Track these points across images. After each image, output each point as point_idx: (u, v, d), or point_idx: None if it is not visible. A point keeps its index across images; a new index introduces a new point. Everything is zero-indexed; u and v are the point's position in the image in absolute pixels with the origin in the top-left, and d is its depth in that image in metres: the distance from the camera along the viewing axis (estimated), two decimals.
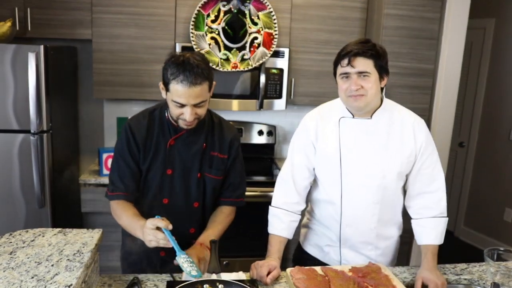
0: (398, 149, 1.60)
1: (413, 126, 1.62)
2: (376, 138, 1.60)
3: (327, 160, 1.64)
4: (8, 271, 1.16)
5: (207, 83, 1.45)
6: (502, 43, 3.89)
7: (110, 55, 2.87)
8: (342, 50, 1.54)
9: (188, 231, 1.63)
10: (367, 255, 1.70)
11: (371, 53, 1.49)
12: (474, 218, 4.22)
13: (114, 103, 3.25)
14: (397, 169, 1.60)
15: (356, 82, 1.50)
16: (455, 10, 2.92)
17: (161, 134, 1.58)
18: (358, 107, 1.55)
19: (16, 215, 2.64)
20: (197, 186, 1.62)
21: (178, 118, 1.50)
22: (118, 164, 1.59)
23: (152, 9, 2.86)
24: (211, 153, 1.63)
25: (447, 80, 3.02)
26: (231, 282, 1.39)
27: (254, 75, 2.98)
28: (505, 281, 1.51)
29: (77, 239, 1.38)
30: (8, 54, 2.48)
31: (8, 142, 2.57)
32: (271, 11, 2.91)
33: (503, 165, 3.90)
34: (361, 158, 1.60)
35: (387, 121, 1.61)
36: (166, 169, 1.58)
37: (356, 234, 1.67)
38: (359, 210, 1.63)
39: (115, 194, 1.58)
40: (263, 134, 3.34)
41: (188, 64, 1.40)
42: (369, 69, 1.50)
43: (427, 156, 1.62)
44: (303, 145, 1.68)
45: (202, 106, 1.48)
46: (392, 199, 1.66)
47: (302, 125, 1.70)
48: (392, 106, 1.66)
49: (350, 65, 1.50)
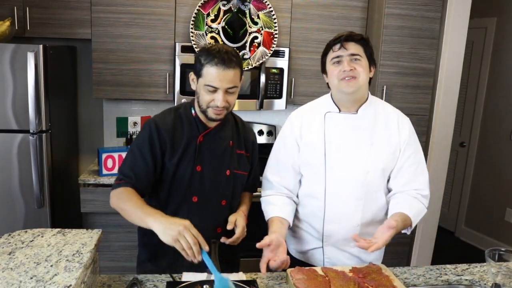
0: (383, 145, 1.61)
1: (397, 121, 1.65)
2: (361, 133, 1.61)
3: (312, 155, 1.64)
4: (7, 271, 1.15)
5: (239, 70, 1.49)
6: (503, 42, 3.89)
7: (110, 54, 2.86)
8: (331, 40, 1.60)
9: (215, 231, 1.61)
10: (350, 251, 1.69)
11: (361, 39, 1.57)
12: (475, 219, 4.21)
13: (113, 103, 3.25)
14: (382, 165, 1.61)
15: (349, 64, 1.54)
16: (456, 9, 2.91)
17: (189, 131, 1.56)
18: (350, 91, 1.55)
19: (15, 215, 2.63)
20: (227, 184, 1.61)
21: (208, 107, 1.49)
22: (134, 157, 1.52)
23: (152, 9, 2.85)
24: (237, 151, 1.65)
25: (448, 79, 3.01)
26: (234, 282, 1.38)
27: (254, 75, 2.98)
28: (507, 281, 1.51)
29: (77, 240, 1.37)
30: (7, 53, 2.47)
31: (7, 142, 2.56)
32: (271, 10, 2.90)
33: (504, 165, 3.89)
34: (346, 153, 1.61)
35: (372, 116, 1.63)
36: (196, 166, 1.55)
37: (339, 231, 1.64)
38: (343, 206, 1.62)
39: (122, 182, 1.49)
40: (263, 134, 3.34)
41: (223, 49, 1.46)
42: (361, 53, 1.56)
43: (410, 154, 1.63)
44: (287, 143, 1.69)
45: (233, 93, 1.50)
46: (375, 196, 1.64)
47: (287, 123, 1.72)
48: (376, 101, 1.69)
49: (343, 48, 1.55)
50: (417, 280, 1.61)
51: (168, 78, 2.92)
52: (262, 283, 1.52)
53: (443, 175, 3.16)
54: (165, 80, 2.92)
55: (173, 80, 2.92)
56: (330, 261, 1.70)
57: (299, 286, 1.43)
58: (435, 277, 1.63)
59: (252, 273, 1.58)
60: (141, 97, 2.97)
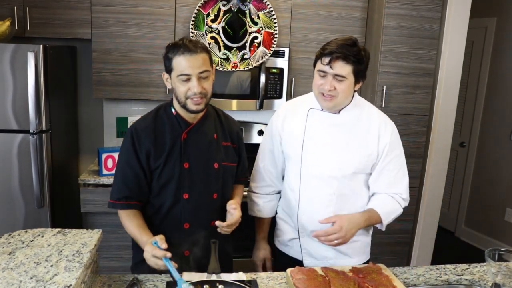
0: (358, 147, 1.65)
1: (379, 126, 1.66)
2: (340, 133, 1.65)
3: (291, 147, 1.71)
4: (7, 271, 1.15)
5: (207, 55, 1.52)
6: (503, 42, 3.89)
7: (110, 54, 2.86)
8: (325, 48, 1.56)
9: (209, 225, 1.62)
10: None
11: (353, 59, 1.53)
12: (475, 219, 4.21)
13: (113, 103, 3.25)
14: (354, 165, 1.65)
15: (330, 83, 1.55)
16: (456, 9, 2.91)
17: (172, 130, 1.58)
18: (326, 106, 1.62)
19: (15, 215, 2.63)
20: (216, 177, 1.62)
21: (187, 98, 1.50)
22: (123, 171, 1.56)
23: (152, 9, 2.85)
24: (223, 144, 1.66)
25: (448, 79, 3.01)
26: (231, 283, 1.38)
27: (254, 75, 2.98)
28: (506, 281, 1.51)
29: (77, 240, 1.38)
30: (7, 53, 2.47)
31: (7, 142, 2.56)
32: (271, 10, 2.90)
33: (504, 165, 3.89)
34: (322, 150, 1.66)
35: (354, 118, 1.66)
36: (183, 163, 1.56)
37: (311, 223, 1.69)
38: (315, 199, 1.68)
39: (119, 203, 1.56)
40: (263, 134, 3.33)
41: (186, 40, 1.51)
42: (346, 74, 1.54)
43: (391, 158, 1.67)
44: (271, 133, 1.79)
45: (207, 78, 1.52)
46: (348, 193, 1.68)
47: (274, 115, 1.81)
48: (362, 104, 1.71)
49: (329, 66, 1.54)
50: (417, 280, 1.61)
51: None
52: (262, 283, 1.52)
53: (443, 175, 3.16)
54: None
55: None
56: (308, 252, 1.75)
57: (299, 286, 1.43)
58: (435, 277, 1.63)
59: (252, 273, 1.59)
60: (141, 97, 2.97)
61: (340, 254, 1.73)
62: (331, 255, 1.73)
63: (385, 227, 1.73)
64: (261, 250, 1.87)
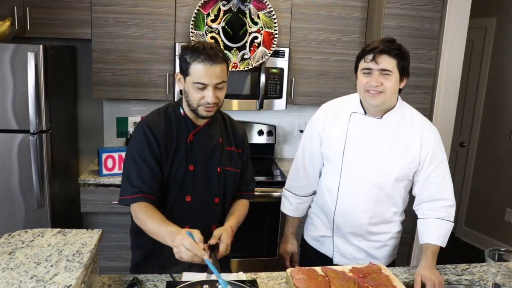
0: (401, 153, 1.62)
1: (422, 133, 1.64)
2: (383, 138, 1.63)
3: (331, 149, 1.71)
4: (7, 271, 1.15)
5: (225, 65, 1.49)
6: (503, 42, 3.89)
7: (110, 54, 2.86)
8: (368, 46, 1.57)
9: (209, 229, 1.60)
10: (358, 245, 1.74)
11: (396, 53, 1.53)
12: (475, 219, 4.21)
13: (113, 103, 3.25)
14: (396, 172, 1.63)
15: (377, 79, 1.54)
16: (456, 9, 2.91)
17: (179, 131, 1.56)
18: (374, 104, 1.58)
19: (15, 215, 2.63)
20: (218, 181, 1.61)
21: (199, 105, 1.48)
22: (137, 165, 1.49)
23: (152, 9, 2.85)
24: (227, 148, 1.64)
25: (448, 79, 3.01)
26: (231, 283, 1.38)
27: (254, 75, 2.98)
28: (506, 281, 1.51)
29: (77, 240, 1.38)
30: (7, 53, 2.47)
31: (7, 142, 2.56)
32: (271, 10, 2.90)
33: (504, 165, 3.89)
34: (363, 155, 1.64)
35: (397, 123, 1.64)
36: (188, 165, 1.55)
37: (347, 225, 1.72)
38: (353, 204, 1.68)
39: (135, 196, 1.47)
40: (263, 134, 3.34)
41: (207, 46, 1.46)
42: (392, 68, 1.53)
43: (436, 165, 1.64)
44: (310, 133, 1.78)
45: (222, 88, 1.50)
46: (387, 199, 1.68)
47: (315, 115, 1.80)
48: (405, 109, 1.68)
49: (374, 61, 1.53)
50: None
51: (168, 78, 2.92)
52: (262, 283, 1.52)
53: None
54: (165, 80, 2.92)
55: (173, 80, 2.92)
56: (339, 251, 1.77)
57: (299, 286, 1.43)
58: None
59: (252, 273, 1.59)
60: (141, 97, 2.97)
61: (370, 257, 1.74)
62: (361, 256, 1.75)
63: None
64: (289, 245, 1.92)
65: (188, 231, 1.34)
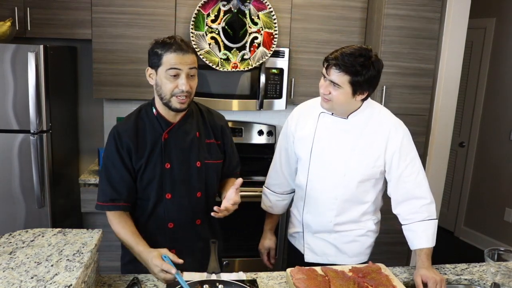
0: (365, 152, 1.64)
1: (389, 132, 1.64)
2: (348, 138, 1.66)
3: (301, 149, 1.75)
4: (7, 271, 1.16)
5: (195, 55, 1.54)
6: (502, 42, 3.89)
7: (110, 55, 2.86)
8: (333, 52, 1.57)
9: (194, 223, 1.63)
10: (326, 239, 1.76)
11: (348, 70, 1.50)
12: (474, 218, 4.22)
13: (114, 103, 3.25)
14: (361, 171, 1.65)
15: (326, 87, 1.57)
16: (455, 9, 2.92)
17: (153, 130, 1.58)
18: (323, 107, 1.64)
19: (16, 215, 2.64)
20: (198, 175, 1.61)
21: (172, 95, 1.50)
22: (108, 172, 1.55)
23: (152, 9, 2.85)
24: (206, 141, 1.65)
25: (448, 80, 3.01)
26: (231, 282, 1.38)
27: (254, 75, 2.98)
28: (506, 281, 1.51)
29: (77, 239, 1.38)
30: (7, 54, 2.47)
31: (8, 142, 2.57)
32: (271, 11, 2.91)
33: (504, 165, 3.90)
34: (329, 153, 1.68)
35: (362, 123, 1.66)
36: (164, 164, 1.57)
37: (315, 222, 1.75)
38: (319, 201, 1.72)
39: (105, 204, 1.55)
40: (263, 134, 3.34)
41: (178, 38, 1.54)
42: (341, 83, 1.53)
43: (407, 164, 1.64)
44: (285, 133, 1.83)
45: (194, 76, 1.53)
46: (353, 198, 1.69)
47: (290, 115, 1.85)
48: (373, 109, 1.69)
49: (326, 71, 1.56)
50: None
51: None
52: (262, 283, 1.52)
53: (442, 175, 3.16)
54: None
55: None
56: (309, 247, 1.81)
57: (299, 285, 1.43)
58: None
59: (252, 273, 1.59)
60: (141, 97, 2.97)
61: (339, 253, 1.76)
62: (331, 252, 1.77)
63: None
64: (266, 240, 1.96)
65: (164, 254, 1.40)
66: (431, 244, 1.62)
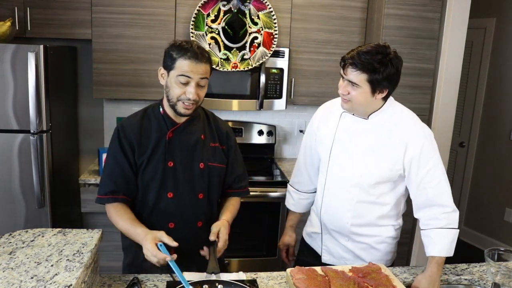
0: (383, 154, 1.60)
1: (408, 136, 1.58)
2: (367, 138, 1.63)
3: (322, 147, 1.75)
4: (7, 271, 1.16)
5: (209, 65, 1.53)
6: (502, 42, 3.89)
7: (110, 55, 2.86)
8: (350, 51, 1.54)
9: (196, 225, 1.63)
10: (344, 245, 1.74)
11: (368, 68, 1.48)
12: (474, 218, 4.22)
13: (114, 103, 3.25)
14: (377, 175, 1.61)
15: (345, 88, 1.55)
16: (455, 9, 2.92)
17: (158, 128, 1.59)
18: (343, 108, 1.63)
19: (16, 215, 2.64)
20: (201, 177, 1.61)
21: (179, 100, 1.50)
22: (110, 166, 1.57)
23: (152, 9, 2.85)
24: (211, 144, 1.65)
25: (448, 80, 3.01)
26: (231, 283, 1.38)
27: (254, 75, 2.98)
28: (506, 281, 1.51)
29: (77, 239, 1.38)
30: (7, 54, 2.47)
31: (8, 142, 2.57)
32: (271, 11, 2.91)
33: (504, 165, 3.90)
34: (347, 154, 1.66)
35: (383, 124, 1.61)
36: (167, 162, 1.57)
37: (332, 223, 1.74)
38: (336, 202, 1.71)
39: (105, 197, 1.56)
40: (263, 134, 3.34)
41: (195, 45, 1.52)
42: (359, 81, 1.51)
43: (428, 170, 1.57)
44: (309, 131, 1.84)
45: (203, 86, 1.53)
46: (369, 201, 1.66)
47: (314, 114, 1.85)
48: (394, 111, 1.64)
49: (343, 71, 1.54)
50: None
51: None
52: (262, 283, 1.52)
53: None
54: None
55: None
56: (327, 249, 1.79)
57: (299, 285, 1.43)
58: None
59: (252, 273, 1.59)
60: (141, 97, 2.97)
61: (357, 259, 1.73)
62: (349, 256, 1.74)
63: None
64: (286, 236, 1.96)
65: (159, 242, 1.41)
66: (445, 254, 1.54)
